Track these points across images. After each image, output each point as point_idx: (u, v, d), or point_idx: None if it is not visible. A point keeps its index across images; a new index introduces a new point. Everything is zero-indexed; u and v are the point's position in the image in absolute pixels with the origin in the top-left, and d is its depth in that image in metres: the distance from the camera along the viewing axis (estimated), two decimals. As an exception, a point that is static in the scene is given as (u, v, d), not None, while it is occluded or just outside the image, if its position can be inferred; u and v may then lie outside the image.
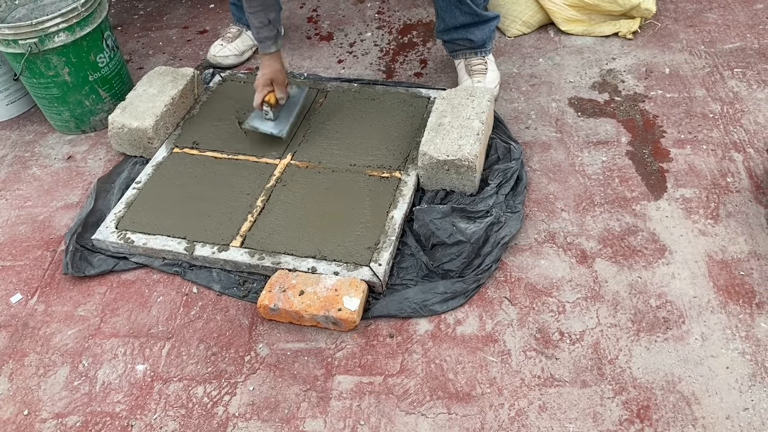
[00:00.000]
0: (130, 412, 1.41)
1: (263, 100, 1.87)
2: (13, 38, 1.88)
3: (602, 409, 1.34)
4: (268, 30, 1.80)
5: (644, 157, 1.86)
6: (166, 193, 1.82)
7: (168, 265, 1.67)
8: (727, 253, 1.60)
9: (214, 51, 2.33)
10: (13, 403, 1.44)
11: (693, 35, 2.28)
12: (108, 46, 2.07)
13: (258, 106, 1.89)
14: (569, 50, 2.28)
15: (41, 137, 2.16)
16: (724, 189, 1.75)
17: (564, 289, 1.56)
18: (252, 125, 1.93)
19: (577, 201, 1.76)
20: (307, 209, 1.74)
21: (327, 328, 1.51)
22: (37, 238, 1.80)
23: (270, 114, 1.90)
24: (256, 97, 1.87)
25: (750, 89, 2.04)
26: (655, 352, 1.42)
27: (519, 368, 1.42)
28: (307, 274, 1.56)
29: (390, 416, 1.36)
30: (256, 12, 1.76)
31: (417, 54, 2.35)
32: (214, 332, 1.54)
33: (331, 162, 1.87)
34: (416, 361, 1.45)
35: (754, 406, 1.32)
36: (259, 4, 1.75)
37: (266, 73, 1.86)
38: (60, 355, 1.52)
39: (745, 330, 1.44)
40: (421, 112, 2.00)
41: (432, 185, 1.77)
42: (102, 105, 2.12)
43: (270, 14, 1.78)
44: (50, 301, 1.64)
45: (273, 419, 1.37)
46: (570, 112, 2.03)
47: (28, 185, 1.98)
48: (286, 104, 1.96)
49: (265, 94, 1.87)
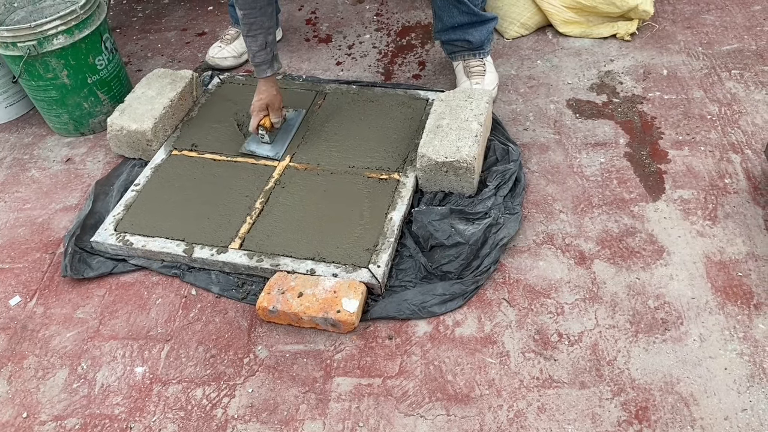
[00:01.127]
0: (129, 414, 1.41)
1: (259, 124, 1.86)
2: (12, 41, 1.88)
3: (601, 410, 1.34)
4: (265, 53, 1.78)
5: (642, 158, 1.86)
6: (165, 196, 1.82)
7: (167, 267, 1.67)
8: (725, 254, 1.60)
9: (213, 53, 2.33)
10: (12, 405, 1.44)
11: (691, 37, 2.29)
12: (107, 49, 2.07)
13: (254, 131, 1.88)
14: (567, 52, 2.28)
15: (40, 140, 2.16)
16: (722, 190, 1.75)
17: (562, 290, 1.56)
18: (249, 149, 1.93)
19: (575, 202, 1.76)
20: (305, 211, 1.74)
21: (326, 330, 1.51)
22: (35, 241, 1.80)
23: (266, 137, 1.90)
24: (252, 121, 1.87)
25: (748, 91, 2.05)
26: (653, 353, 1.42)
27: (518, 369, 1.42)
28: (305, 276, 1.56)
29: (389, 418, 1.36)
30: (256, 35, 1.74)
31: (415, 56, 2.35)
32: (213, 334, 1.54)
33: (329, 164, 1.87)
34: (415, 362, 1.45)
35: (752, 407, 1.32)
36: (258, 27, 1.72)
37: (262, 98, 1.85)
38: (59, 358, 1.52)
39: (744, 331, 1.44)
40: (420, 114, 2.00)
41: (430, 187, 1.77)
42: (101, 107, 2.12)
43: (268, 37, 1.76)
44: (49, 303, 1.64)
45: (272, 421, 1.37)
46: (568, 114, 2.03)
47: (26, 188, 1.98)
48: (283, 127, 1.96)
49: (260, 119, 1.86)
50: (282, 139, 1.95)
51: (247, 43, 1.77)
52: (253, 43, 1.76)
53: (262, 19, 1.72)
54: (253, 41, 1.75)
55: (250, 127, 1.88)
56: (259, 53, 1.77)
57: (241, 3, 1.69)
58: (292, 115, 2.02)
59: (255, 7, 1.69)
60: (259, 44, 1.76)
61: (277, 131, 1.95)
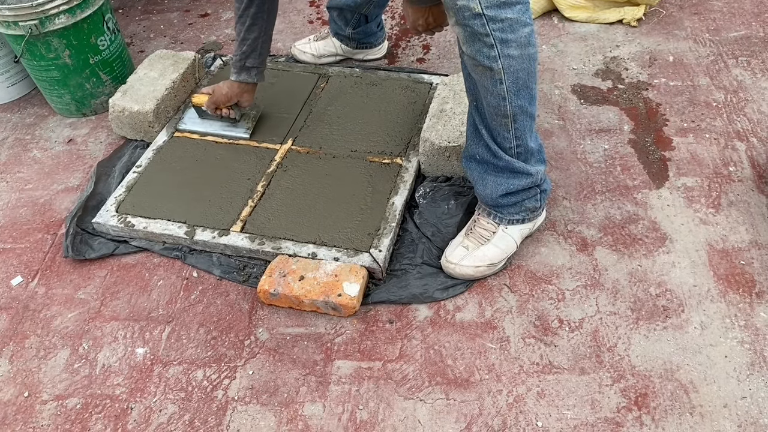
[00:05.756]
0: (129, 394, 1.41)
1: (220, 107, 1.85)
2: (14, 20, 1.87)
3: (600, 396, 1.34)
4: (258, 58, 1.73)
5: (646, 145, 1.85)
6: (167, 178, 1.81)
7: (168, 249, 1.67)
8: (727, 242, 1.59)
9: (299, 43, 2.25)
10: (14, 384, 1.45)
11: (698, 23, 2.26)
12: (109, 29, 2.06)
13: (214, 112, 1.87)
14: (573, 37, 2.26)
15: (42, 120, 2.15)
16: (726, 178, 1.74)
17: (564, 276, 1.56)
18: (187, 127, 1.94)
19: (578, 189, 1.75)
20: (307, 195, 1.73)
21: (327, 313, 1.51)
22: (37, 221, 1.80)
23: (236, 114, 1.88)
24: (211, 103, 1.84)
25: (754, 78, 2.03)
26: (653, 340, 1.42)
27: (518, 355, 1.42)
28: (307, 260, 1.56)
29: (389, 401, 1.36)
30: (256, 37, 1.68)
31: (420, 39, 2.33)
32: (214, 316, 1.54)
33: (332, 147, 1.86)
34: (415, 347, 1.45)
35: (751, 395, 1.32)
36: (258, 28, 1.66)
37: (245, 101, 1.83)
38: (60, 338, 1.53)
39: (745, 319, 1.44)
40: (423, 98, 1.99)
41: (433, 171, 1.77)
42: (103, 88, 2.11)
43: (267, 44, 1.72)
44: (51, 283, 1.64)
45: (272, 403, 1.38)
46: (573, 100, 2.02)
47: (28, 168, 1.98)
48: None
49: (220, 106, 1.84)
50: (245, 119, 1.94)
51: (242, 40, 1.69)
52: (247, 45, 1.69)
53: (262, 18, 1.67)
54: (248, 45, 1.69)
55: (208, 107, 1.85)
56: (252, 55, 1.71)
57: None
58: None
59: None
60: (251, 46, 1.70)
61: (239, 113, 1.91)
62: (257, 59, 1.73)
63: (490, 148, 1.44)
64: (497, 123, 1.39)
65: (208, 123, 1.93)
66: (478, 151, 1.48)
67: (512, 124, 1.39)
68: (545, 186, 1.54)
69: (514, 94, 1.33)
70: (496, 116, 1.38)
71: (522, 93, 1.34)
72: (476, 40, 1.26)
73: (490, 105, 1.36)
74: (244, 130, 1.91)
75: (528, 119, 1.40)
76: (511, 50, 1.28)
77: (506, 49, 1.27)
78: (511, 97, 1.34)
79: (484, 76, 1.31)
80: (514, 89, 1.33)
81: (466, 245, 1.54)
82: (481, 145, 1.47)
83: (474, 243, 1.53)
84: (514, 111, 1.36)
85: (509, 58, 1.28)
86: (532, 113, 1.40)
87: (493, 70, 1.29)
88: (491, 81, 1.31)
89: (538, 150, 1.49)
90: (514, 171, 1.46)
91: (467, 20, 1.23)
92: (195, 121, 1.94)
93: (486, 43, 1.26)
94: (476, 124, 1.45)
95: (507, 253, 1.55)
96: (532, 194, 1.52)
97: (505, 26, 1.25)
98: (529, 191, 1.51)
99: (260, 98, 1.97)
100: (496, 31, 1.25)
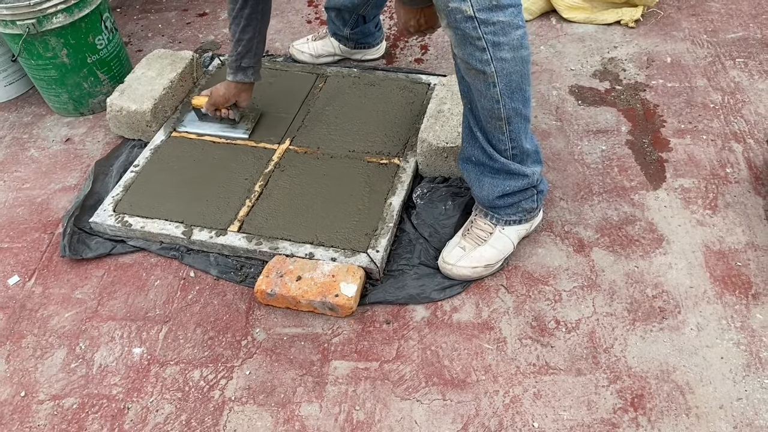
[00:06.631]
0: (126, 394, 1.41)
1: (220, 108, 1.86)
2: (11, 19, 1.86)
3: (596, 397, 1.34)
4: (253, 58, 1.73)
5: (644, 146, 1.86)
6: (164, 177, 1.81)
7: (165, 249, 1.67)
8: (724, 243, 1.60)
9: (297, 42, 2.26)
10: (11, 384, 1.45)
11: (695, 24, 2.27)
12: (107, 28, 2.05)
13: (214, 114, 1.88)
14: (571, 38, 2.26)
15: (39, 119, 2.15)
16: (723, 179, 1.75)
17: (560, 277, 1.56)
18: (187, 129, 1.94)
19: (575, 190, 1.75)
20: (305, 195, 1.73)
21: (324, 313, 1.52)
22: (34, 221, 1.80)
23: (236, 115, 1.89)
24: (210, 105, 1.85)
25: (751, 79, 2.03)
26: (650, 341, 1.42)
27: (514, 356, 1.42)
28: (304, 260, 1.56)
29: (385, 402, 1.36)
30: (251, 37, 1.68)
31: (418, 40, 2.33)
32: (211, 316, 1.54)
33: (329, 148, 1.86)
34: (412, 347, 1.45)
35: (747, 396, 1.32)
36: (253, 29, 1.66)
37: (242, 101, 1.83)
38: (57, 338, 1.53)
39: (741, 321, 1.44)
40: (421, 99, 1.99)
41: (431, 172, 1.77)
42: (100, 87, 2.11)
43: (261, 44, 1.72)
44: (48, 283, 1.64)
45: (269, 403, 1.38)
46: (570, 101, 2.02)
47: (26, 167, 1.97)
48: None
49: (219, 108, 1.85)
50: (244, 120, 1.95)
51: (238, 41, 1.69)
52: (242, 46, 1.70)
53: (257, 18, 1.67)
54: (243, 44, 1.69)
55: (207, 110, 1.86)
56: (248, 55, 1.71)
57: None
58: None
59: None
60: (246, 47, 1.70)
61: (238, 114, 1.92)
62: (253, 59, 1.73)
63: (486, 150, 1.44)
64: (492, 125, 1.39)
65: (208, 125, 1.93)
66: (474, 153, 1.48)
67: (507, 127, 1.38)
68: (542, 187, 1.54)
69: (508, 97, 1.33)
70: (491, 119, 1.38)
71: (516, 95, 1.34)
72: (468, 43, 1.26)
73: (484, 108, 1.36)
74: (244, 131, 1.91)
75: (523, 121, 1.39)
76: (504, 53, 1.27)
77: (498, 53, 1.26)
78: (504, 100, 1.33)
79: (477, 79, 1.31)
80: (507, 92, 1.32)
81: (463, 246, 1.54)
82: (476, 148, 1.47)
83: (471, 244, 1.53)
84: (509, 113, 1.36)
85: (502, 61, 1.28)
86: (527, 115, 1.40)
87: (485, 74, 1.29)
88: (484, 84, 1.31)
89: (534, 151, 1.49)
90: (510, 172, 1.46)
91: (459, 23, 1.23)
92: (195, 124, 1.94)
93: (478, 46, 1.25)
94: (471, 126, 1.45)
95: (504, 254, 1.55)
96: (528, 195, 1.52)
97: (497, 29, 1.24)
98: (525, 192, 1.51)
99: (258, 98, 1.97)
100: (488, 34, 1.24)
